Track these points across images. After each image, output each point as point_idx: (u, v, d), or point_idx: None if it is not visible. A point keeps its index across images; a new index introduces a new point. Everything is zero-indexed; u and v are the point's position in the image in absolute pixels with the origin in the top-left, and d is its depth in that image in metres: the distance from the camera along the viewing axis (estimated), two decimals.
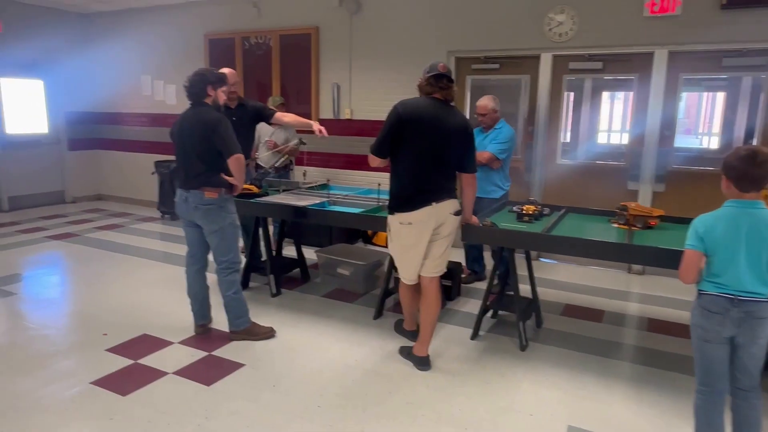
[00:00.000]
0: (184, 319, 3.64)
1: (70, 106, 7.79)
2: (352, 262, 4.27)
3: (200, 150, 3.11)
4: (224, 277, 3.31)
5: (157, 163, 6.98)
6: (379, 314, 3.82)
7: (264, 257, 4.39)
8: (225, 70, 4.15)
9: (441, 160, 2.84)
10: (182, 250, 5.43)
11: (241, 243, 5.69)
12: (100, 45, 7.71)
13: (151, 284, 4.44)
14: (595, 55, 4.89)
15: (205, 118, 3.09)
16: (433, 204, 2.86)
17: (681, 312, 4.02)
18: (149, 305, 3.97)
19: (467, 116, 4.82)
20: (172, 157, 7.25)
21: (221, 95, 3.25)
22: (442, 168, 2.87)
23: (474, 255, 4.58)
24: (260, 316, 3.73)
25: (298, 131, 5.21)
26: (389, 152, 2.87)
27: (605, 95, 5.16)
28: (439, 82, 2.83)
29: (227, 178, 3.16)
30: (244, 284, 4.30)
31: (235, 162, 3.08)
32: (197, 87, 3.15)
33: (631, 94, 4.91)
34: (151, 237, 6.10)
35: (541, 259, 5.39)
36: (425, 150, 2.81)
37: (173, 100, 7.32)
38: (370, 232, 5.85)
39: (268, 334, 3.43)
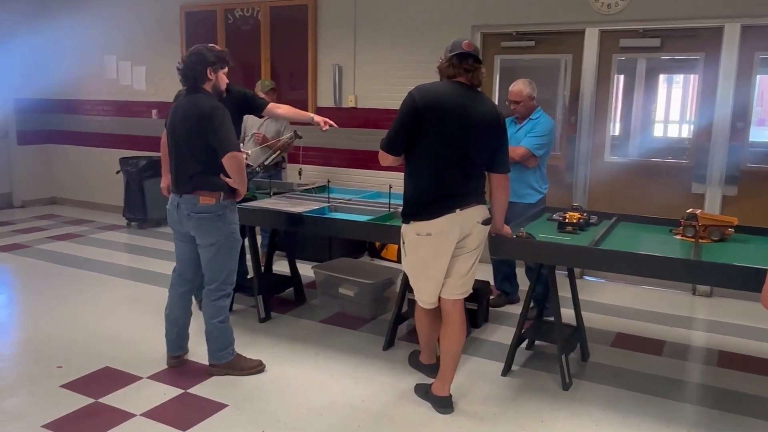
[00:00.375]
0: (156, 349, 3.64)
1: (19, 93, 7.86)
2: (356, 281, 4.26)
3: (194, 146, 3.10)
4: (212, 300, 3.30)
5: (123, 161, 7.02)
6: (390, 344, 3.80)
7: (250, 274, 4.38)
8: None
9: (467, 157, 2.83)
10: (152, 264, 5.46)
11: None
12: (56, 20, 7.78)
13: (116, 306, 4.44)
14: (651, 30, 4.87)
15: (200, 106, 3.07)
16: (457, 211, 2.84)
17: (760, 343, 3.96)
18: (113, 332, 3.97)
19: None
20: (141, 153, 7.30)
21: (223, 79, 3.25)
22: (468, 167, 2.85)
23: (505, 272, 4.56)
24: (246, 346, 3.71)
25: (293, 123, 5.20)
26: (403, 148, 2.86)
27: (663, 79, 5.14)
28: (463, 63, 2.83)
29: (226, 179, 3.14)
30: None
31: (231, 161, 3.05)
32: (194, 69, 3.13)
33: (695, 77, 4.88)
34: (115, 249, 6.12)
35: (586, 278, 5.35)
36: (448, 145, 2.80)
37: (142, 84, 7.37)
38: (378, 243, 5.84)
39: (256, 368, 3.42)
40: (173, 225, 3.30)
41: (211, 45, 3.24)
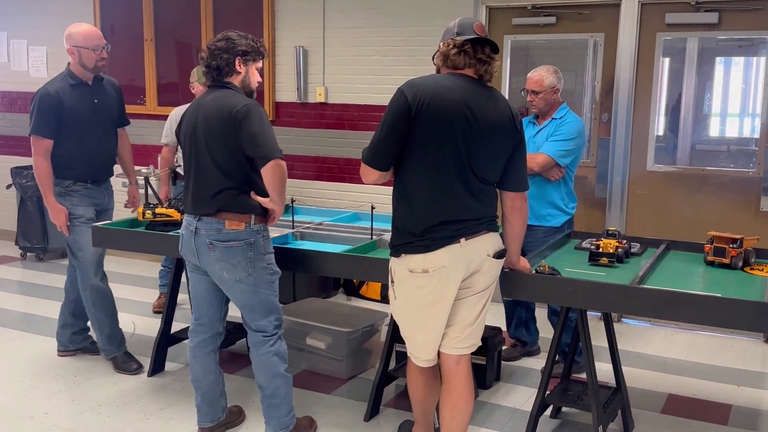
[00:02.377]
0: (64, 427, 3.60)
1: None
2: (329, 329, 4.26)
3: (221, 155, 3.18)
4: (269, 347, 3.36)
5: (17, 171, 6.97)
6: (374, 412, 3.80)
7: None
8: (79, 30, 4.18)
9: (474, 172, 2.87)
10: (54, 311, 5.40)
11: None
12: None
13: (6, 369, 4.39)
14: (705, 2, 4.99)
15: (230, 105, 3.16)
16: (462, 241, 2.87)
17: None
18: (2, 405, 3.92)
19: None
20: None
21: (255, 75, 3.36)
22: (475, 185, 2.89)
23: (521, 316, 4.59)
24: (183, 417, 3.70)
25: None
26: (392, 161, 2.89)
27: (720, 62, 5.24)
28: (478, 52, 2.88)
29: (260, 199, 3.24)
30: (158, 367, 4.30)
31: (275, 171, 3.12)
32: (219, 58, 3.22)
33: (763, 61, 5.00)
34: (5, 289, 6.06)
35: (625, 321, 5.41)
36: (449, 157, 2.83)
37: (42, 70, 7.34)
38: (356, 279, 5.85)
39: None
40: (188, 256, 3.35)
41: (243, 32, 3.33)
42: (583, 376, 3.46)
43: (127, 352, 4.37)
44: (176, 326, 4.41)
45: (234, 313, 4.86)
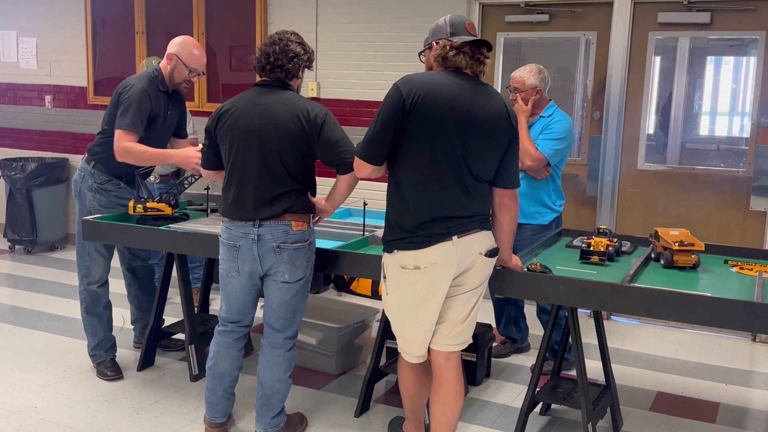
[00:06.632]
0: (53, 421, 3.59)
1: None
2: (319, 324, 4.26)
3: (291, 156, 3.21)
4: (287, 350, 3.41)
5: (5, 163, 6.94)
6: (364, 408, 3.81)
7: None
8: (190, 44, 4.02)
9: (468, 169, 2.88)
10: (44, 303, 5.39)
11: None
12: None
13: None
14: (698, 2, 5.00)
15: (304, 107, 3.22)
16: (454, 239, 2.88)
17: None
18: None
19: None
20: (29, 153, 7.22)
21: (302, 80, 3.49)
22: (468, 182, 2.90)
23: (511, 314, 4.60)
24: (172, 413, 3.70)
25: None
26: (386, 156, 2.90)
27: (711, 62, 5.27)
28: (476, 54, 2.89)
29: (315, 200, 3.35)
30: (148, 361, 4.29)
31: (353, 180, 3.23)
32: (291, 61, 3.26)
33: (753, 61, 5.02)
34: None
35: (614, 318, 5.43)
36: (444, 153, 2.84)
37: (32, 62, 7.31)
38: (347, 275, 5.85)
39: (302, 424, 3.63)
40: (242, 263, 3.28)
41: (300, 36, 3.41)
42: (573, 373, 3.48)
43: (114, 358, 4.25)
44: (166, 321, 4.40)
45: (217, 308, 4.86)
